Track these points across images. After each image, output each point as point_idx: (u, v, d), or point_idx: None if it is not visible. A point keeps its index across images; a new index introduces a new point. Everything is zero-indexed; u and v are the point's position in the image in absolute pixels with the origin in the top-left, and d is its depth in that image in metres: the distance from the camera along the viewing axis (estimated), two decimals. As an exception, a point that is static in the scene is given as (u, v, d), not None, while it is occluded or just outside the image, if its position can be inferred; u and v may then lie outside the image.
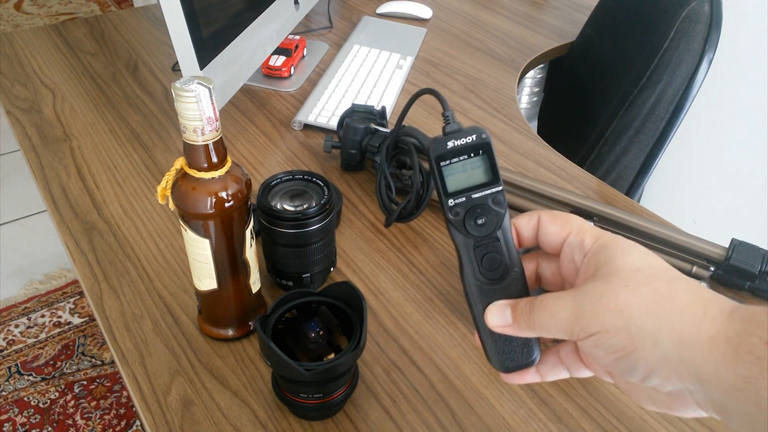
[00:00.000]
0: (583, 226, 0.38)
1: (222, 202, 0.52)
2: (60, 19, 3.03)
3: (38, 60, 1.10)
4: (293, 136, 0.94)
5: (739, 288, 0.70)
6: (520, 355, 0.40)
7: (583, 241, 0.37)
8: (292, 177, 0.66)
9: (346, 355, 0.49)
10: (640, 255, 0.35)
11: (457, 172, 0.39)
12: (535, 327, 0.36)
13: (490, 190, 0.39)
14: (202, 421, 0.55)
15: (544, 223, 0.39)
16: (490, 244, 0.39)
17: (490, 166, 0.39)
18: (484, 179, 0.39)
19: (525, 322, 0.36)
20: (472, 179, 0.39)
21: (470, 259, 0.39)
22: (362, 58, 1.12)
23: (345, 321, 0.54)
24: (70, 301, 1.69)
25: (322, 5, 1.34)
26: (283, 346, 0.52)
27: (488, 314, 0.38)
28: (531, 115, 1.46)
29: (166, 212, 0.78)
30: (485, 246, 0.39)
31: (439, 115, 1.00)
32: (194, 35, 0.77)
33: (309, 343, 0.54)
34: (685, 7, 0.95)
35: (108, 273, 0.70)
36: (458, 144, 0.39)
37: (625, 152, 1.05)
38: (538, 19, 1.35)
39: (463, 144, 0.39)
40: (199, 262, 0.56)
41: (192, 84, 0.47)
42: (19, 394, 1.44)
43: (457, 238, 0.40)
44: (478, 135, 0.39)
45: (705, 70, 0.96)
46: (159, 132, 0.93)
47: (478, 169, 0.39)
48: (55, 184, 0.82)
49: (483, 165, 0.39)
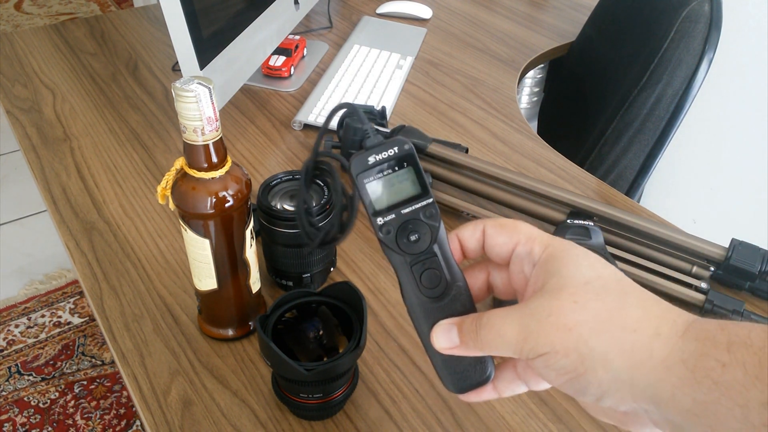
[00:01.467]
0: (532, 234, 0.36)
1: (222, 202, 0.52)
2: (60, 19, 3.03)
3: (38, 60, 1.10)
4: (293, 136, 0.94)
5: (739, 288, 0.70)
6: (473, 373, 0.38)
7: (532, 250, 0.35)
8: (292, 177, 0.66)
9: (346, 355, 0.49)
10: (590, 265, 0.33)
11: (382, 188, 0.37)
12: (483, 347, 0.34)
13: (420, 204, 0.37)
14: (202, 421, 0.55)
15: (489, 235, 0.37)
16: (427, 261, 0.37)
17: (417, 178, 0.37)
18: (412, 193, 0.37)
19: (472, 342, 0.35)
20: (400, 194, 0.37)
21: (409, 278, 0.37)
22: (362, 58, 1.13)
23: (345, 321, 0.55)
24: (70, 301, 1.69)
25: (322, 5, 1.34)
26: (283, 346, 0.52)
27: (434, 336, 0.37)
28: (531, 115, 1.46)
29: (166, 212, 0.78)
30: (423, 263, 0.37)
31: (441, 115, 1.00)
32: (194, 35, 0.77)
33: (309, 343, 0.54)
34: (685, 7, 0.95)
35: (108, 273, 0.70)
36: (380, 158, 0.37)
37: (625, 152, 1.05)
38: (538, 19, 1.35)
39: (385, 157, 0.37)
40: (199, 262, 0.56)
41: (192, 84, 0.47)
42: (19, 394, 1.44)
43: (391, 257, 0.38)
44: (400, 146, 0.37)
45: (705, 70, 0.97)
46: (159, 132, 0.93)
47: (405, 183, 0.37)
48: (55, 184, 0.82)
49: (409, 178, 0.37)
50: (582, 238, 0.65)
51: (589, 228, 0.66)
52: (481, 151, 0.92)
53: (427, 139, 0.81)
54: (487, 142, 0.95)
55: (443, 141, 0.83)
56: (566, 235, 0.66)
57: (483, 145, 0.94)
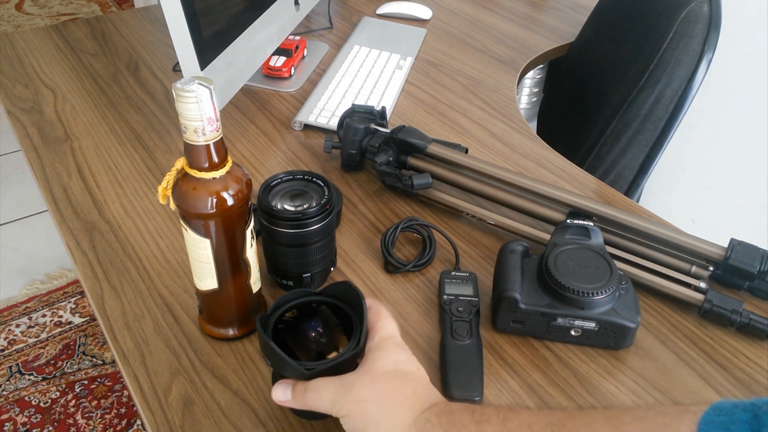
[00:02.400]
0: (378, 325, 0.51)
1: (222, 202, 0.52)
2: (61, 20, 3.03)
3: (39, 60, 1.11)
4: (293, 137, 0.94)
5: (738, 288, 0.70)
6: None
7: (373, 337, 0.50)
8: (292, 177, 0.66)
9: (346, 355, 0.50)
10: (395, 361, 0.48)
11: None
12: (306, 404, 0.48)
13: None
14: (203, 420, 0.56)
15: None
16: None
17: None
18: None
19: (300, 400, 0.48)
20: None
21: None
22: (362, 59, 1.13)
23: (345, 320, 0.55)
24: (71, 300, 1.69)
25: (322, 6, 1.34)
26: (284, 345, 0.52)
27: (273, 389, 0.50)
28: (530, 115, 1.46)
29: (166, 212, 0.78)
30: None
31: (440, 115, 1.00)
32: (195, 36, 0.77)
33: (309, 342, 0.55)
34: (685, 7, 0.95)
35: (109, 273, 0.70)
36: None
37: (624, 152, 1.05)
38: (538, 19, 1.35)
39: None
40: (200, 262, 0.56)
41: (193, 84, 0.47)
42: (20, 394, 1.45)
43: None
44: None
45: (704, 70, 0.97)
46: (160, 132, 0.93)
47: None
48: (56, 184, 0.83)
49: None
50: (581, 238, 0.65)
51: (589, 228, 0.66)
52: (481, 152, 0.93)
53: (427, 140, 0.81)
54: (487, 142, 0.95)
55: (443, 141, 0.83)
56: (566, 235, 0.66)
57: (483, 146, 0.94)
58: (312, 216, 0.62)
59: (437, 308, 0.67)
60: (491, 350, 0.63)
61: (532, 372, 0.61)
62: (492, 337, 0.64)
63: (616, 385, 0.60)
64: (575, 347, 0.64)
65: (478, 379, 0.58)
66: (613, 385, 0.60)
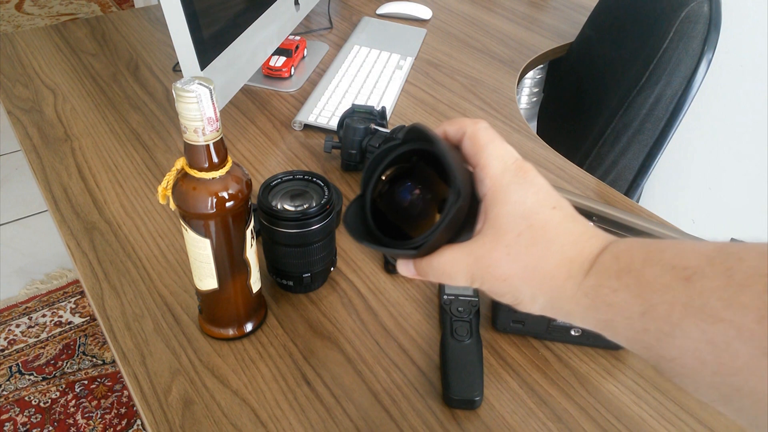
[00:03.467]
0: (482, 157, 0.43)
1: (222, 202, 0.52)
2: (61, 20, 3.03)
3: (39, 60, 1.11)
4: (293, 137, 0.94)
5: (737, 288, 0.70)
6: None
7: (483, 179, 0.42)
8: (292, 177, 0.66)
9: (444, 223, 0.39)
10: (524, 214, 0.40)
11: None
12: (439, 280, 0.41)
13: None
14: (203, 420, 0.56)
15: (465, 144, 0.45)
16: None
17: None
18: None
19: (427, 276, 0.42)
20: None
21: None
22: (362, 59, 1.13)
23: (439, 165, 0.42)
24: (71, 300, 1.69)
25: (322, 6, 1.34)
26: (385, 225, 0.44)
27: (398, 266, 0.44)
28: (530, 115, 1.46)
29: (166, 212, 0.79)
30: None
31: (440, 115, 1.00)
32: (195, 36, 0.77)
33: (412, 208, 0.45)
34: (685, 7, 0.95)
35: (109, 273, 0.70)
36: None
37: (624, 152, 1.05)
38: (538, 19, 1.35)
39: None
40: (200, 262, 0.56)
41: (193, 84, 0.47)
42: (20, 394, 1.45)
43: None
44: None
45: (704, 70, 0.97)
46: (160, 132, 0.93)
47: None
48: (56, 184, 0.83)
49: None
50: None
51: (589, 228, 0.66)
52: (481, 152, 0.93)
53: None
54: (487, 142, 0.95)
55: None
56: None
57: (483, 146, 0.94)
58: (312, 216, 0.62)
59: (437, 308, 0.67)
60: (491, 350, 0.63)
61: (532, 372, 0.61)
62: (492, 337, 0.64)
63: (616, 385, 0.60)
64: (575, 347, 0.64)
65: (478, 379, 0.58)
66: (613, 385, 0.60)
